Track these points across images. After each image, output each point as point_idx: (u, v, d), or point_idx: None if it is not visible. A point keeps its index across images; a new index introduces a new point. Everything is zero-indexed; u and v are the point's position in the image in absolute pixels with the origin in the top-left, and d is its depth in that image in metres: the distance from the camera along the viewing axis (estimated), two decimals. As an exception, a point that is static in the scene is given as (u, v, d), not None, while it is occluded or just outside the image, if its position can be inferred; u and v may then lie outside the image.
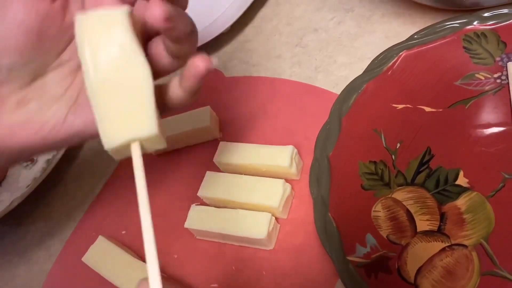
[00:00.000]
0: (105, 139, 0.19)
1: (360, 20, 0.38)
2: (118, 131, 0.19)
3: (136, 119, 0.19)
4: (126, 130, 0.19)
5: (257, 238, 0.29)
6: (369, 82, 0.30)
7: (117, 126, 0.19)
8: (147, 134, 0.19)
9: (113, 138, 0.19)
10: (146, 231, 0.18)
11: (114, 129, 0.19)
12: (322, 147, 0.29)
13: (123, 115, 0.19)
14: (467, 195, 0.27)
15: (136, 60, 0.19)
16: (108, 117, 0.19)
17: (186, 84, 0.21)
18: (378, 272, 0.25)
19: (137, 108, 0.19)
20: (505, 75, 0.30)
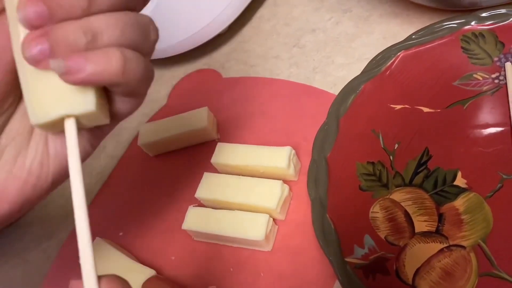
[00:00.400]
0: (32, 113, 0.17)
1: (358, 21, 0.38)
2: (49, 105, 0.17)
3: (71, 91, 0.17)
4: (58, 105, 0.17)
5: (254, 239, 0.29)
6: (367, 83, 0.30)
7: (48, 100, 0.17)
8: (83, 110, 0.17)
9: (42, 112, 0.17)
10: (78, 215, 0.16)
11: (44, 103, 0.17)
12: (319, 148, 0.29)
13: (55, 86, 0.17)
14: (465, 196, 0.27)
15: None
16: (38, 88, 0.17)
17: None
18: (376, 274, 0.25)
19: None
20: (503, 76, 0.30)
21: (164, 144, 0.36)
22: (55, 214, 0.40)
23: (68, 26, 0.16)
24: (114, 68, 0.16)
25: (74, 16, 0.16)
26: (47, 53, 0.16)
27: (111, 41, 0.17)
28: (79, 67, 0.16)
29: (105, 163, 0.40)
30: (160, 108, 0.41)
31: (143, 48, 0.18)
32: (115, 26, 0.17)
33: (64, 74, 0.16)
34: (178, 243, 0.33)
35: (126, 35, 0.17)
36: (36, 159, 0.19)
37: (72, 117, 0.17)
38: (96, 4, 0.16)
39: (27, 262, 0.38)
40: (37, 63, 0.16)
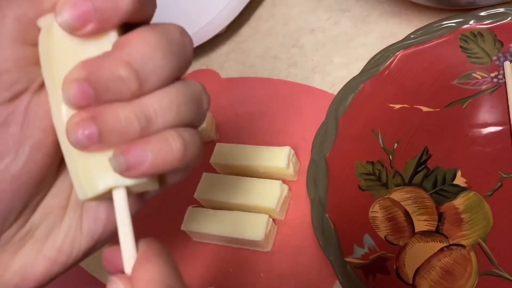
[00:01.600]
0: (80, 188, 0.15)
1: (356, 20, 0.38)
2: (97, 177, 0.15)
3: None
4: (107, 175, 0.15)
5: (254, 240, 0.29)
6: (366, 82, 0.30)
7: (96, 172, 0.15)
8: (134, 181, 0.15)
9: (90, 186, 0.15)
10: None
11: (92, 176, 0.15)
12: (319, 148, 0.29)
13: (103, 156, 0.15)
14: (465, 195, 0.27)
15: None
16: (84, 163, 0.15)
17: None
18: (376, 273, 0.25)
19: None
20: (502, 74, 0.30)
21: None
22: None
23: (119, 110, 0.15)
24: (175, 154, 0.15)
25: (124, 98, 0.15)
26: (95, 139, 0.14)
27: (167, 124, 0.15)
28: (139, 160, 0.15)
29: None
30: (158, 108, 0.41)
31: (197, 122, 0.16)
32: (170, 106, 0.15)
33: (125, 171, 0.15)
34: (177, 244, 0.33)
35: (181, 114, 0.15)
36: (68, 237, 0.18)
37: (122, 187, 0.16)
38: (147, 84, 0.15)
39: None
40: (84, 148, 0.15)
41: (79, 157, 0.15)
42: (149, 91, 0.15)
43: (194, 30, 0.39)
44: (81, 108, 0.15)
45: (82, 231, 0.18)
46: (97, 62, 0.15)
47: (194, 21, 0.40)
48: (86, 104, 0.15)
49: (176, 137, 0.15)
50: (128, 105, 0.15)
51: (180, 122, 0.16)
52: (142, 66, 0.15)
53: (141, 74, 0.15)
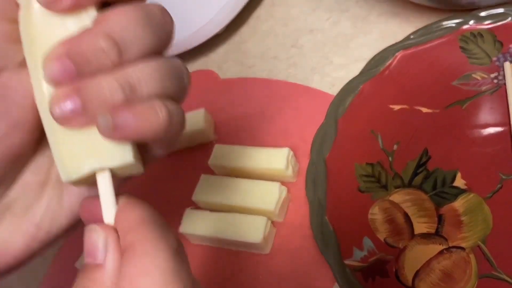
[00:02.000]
0: (63, 170, 0.15)
1: (356, 21, 0.37)
2: (81, 160, 0.15)
3: (106, 143, 0.15)
4: (91, 158, 0.15)
5: (253, 242, 0.29)
6: (365, 83, 0.30)
7: (80, 154, 0.15)
8: (120, 163, 0.15)
9: (73, 168, 0.15)
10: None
11: (76, 158, 0.15)
12: (318, 149, 0.29)
13: (88, 139, 0.15)
14: (465, 197, 0.27)
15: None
16: (68, 143, 0.15)
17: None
18: (376, 276, 0.25)
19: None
20: (501, 75, 0.29)
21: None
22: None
23: (102, 80, 0.15)
24: (161, 121, 0.15)
25: (104, 70, 0.15)
26: (79, 112, 0.14)
27: (151, 93, 0.15)
28: (125, 122, 0.15)
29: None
30: (157, 109, 0.41)
31: (178, 96, 0.17)
32: (152, 76, 0.15)
33: (111, 131, 0.15)
34: (175, 245, 0.32)
35: (165, 85, 0.16)
36: (48, 213, 0.17)
37: (106, 170, 0.16)
38: (128, 55, 0.15)
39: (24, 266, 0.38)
40: (68, 122, 0.15)
41: (64, 139, 0.15)
42: (130, 62, 0.15)
43: (193, 30, 0.39)
44: (63, 85, 0.15)
45: (62, 208, 0.18)
46: (76, 38, 0.15)
47: (193, 21, 0.39)
48: (68, 79, 0.15)
49: (162, 105, 0.15)
50: (111, 74, 0.15)
51: (163, 92, 0.16)
52: (121, 36, 0.15)
53: (121, 44, 0.15)
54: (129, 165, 0.16)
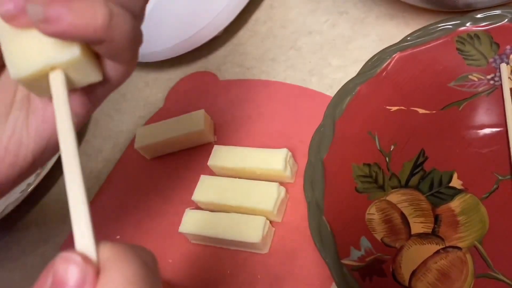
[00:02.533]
0: (12, 66, 0.15)
1: (354, 23, 0.38)
2: (31, 57, 0.15)
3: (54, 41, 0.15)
4: (40, 55, 0.15)
5: (251, 242, 0.29)
6: (362, 85, 0.30)
7: (30, 51, 0.15)
8: (67, 58, 0.15)
9: (23, 65, 0.15)
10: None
11: (25, 55, 0.15)
12: (316, 150, 0.29)
13: (37, 38, 0.15)
14: (461, 197, 0.27)
15: None
16: (18, 41, 0.15)
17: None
18: (373, 276, 0.25)
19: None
20: (498, 76, 0.30)
21: (161, 147, 0.36)
22: (51, 219, 0.40)
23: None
24: (98, 22, 0.14)
25: None
26: (21, 6, 0.14)
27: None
28: (59, 16, 0.14)
29: (102, 166, 0.40)
30: (156, 111, 0.41)
31: (133, 7, 0.16)
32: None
33: (42, 23, 0.14)
34: (175, 246, 0.33)
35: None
36: (14, 136, 0.17)
37: (59, 69, 0.15)
38: None
39: (24, 267, 0.38)
40: (12, 19, 0.14)
41: (13, 37, 0.15)
42: None
43: (192, 32, 0.39)
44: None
45: (28, 131, 0.17)
46: None
47: (192, 24, 0.40)
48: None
49: (103, 5, 0.14)
50: None
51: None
52: None
53: None
54: (78, 62, 0.15)
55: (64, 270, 0.13)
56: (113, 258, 0.13)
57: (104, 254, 0.13)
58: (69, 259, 0.13)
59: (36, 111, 0.18)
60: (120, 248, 0.14)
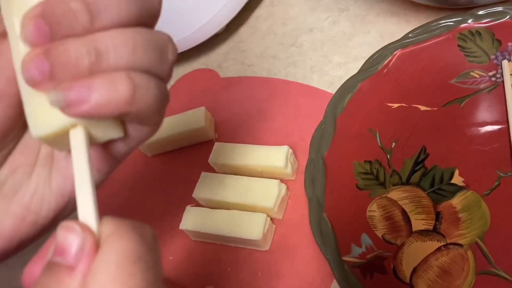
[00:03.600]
0: (33, 124, 0.15)
1: (354, 20, 0.38)
2: (52, 115, 0.15)
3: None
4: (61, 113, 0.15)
5: (252, 239, 0.29)
6: (363, 82, 0.30)
7: (51, 109, 0.14)
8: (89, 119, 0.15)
9: (45, 122, 0.15)
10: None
11: (47, 113, 0.15)
12: (317, 147, 0.29)
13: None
14: (463, 194, 0.27)
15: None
16: (40, 100, 0.15)
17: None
18: (374, 272, 0.25)
19: None
20: (500, 73, 0.30)
21: (161, 144, 0.36)
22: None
23: (71, 43, 0.14)
24: (121, 97, 0.14)
25: (76, 33, 0.14)
26: (47, 75, 0.14)
27: (119, 63, 0.15)
28: (80, 99, 0.14)
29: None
30: (157, 108, 0.41)
31: (158, 71, 0.16)
32: (123, 45, 0.15)
33: (65, 108, 0.14)
34: (176, 243, 0.33)
35: (136, 56, 0.15)
36: (37, 194, 0.17)
37: (80, 126, 0.15)
38: (100, 20, 0.15)
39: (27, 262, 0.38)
40: (37, 84, 0.14)
41: (36, 96, 0.15)
42: (103, 28, 0.15)
43: (193, 29, 0.39)
44: (38, 45, 0.14)
45: (51, 189, 0.17)
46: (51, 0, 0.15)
47: (193, 21, 0.40)
48: (42, 40, 0.14)
49: (125, 78, 0.14)
50: (80, 39, 0.14)
51: (136, 64, 0.15)
52: (94, 2, 0.14)
53: (92, 8, 0.14)
54: (99, 121, 0.15)
55: (64, 238, 0.13)
56: (112, 235, 0.13)
57: (106, 229, 0.14)
58: (69, 228, 0.14)
59: (59, 168, 0.18)
60: (120, 223, 0.14)
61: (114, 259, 0.13)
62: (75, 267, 0.13)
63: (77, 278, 0.13)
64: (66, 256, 0.13)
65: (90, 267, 0.13)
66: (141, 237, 0.14)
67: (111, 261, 0.13)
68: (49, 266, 0.14)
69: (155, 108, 0.16)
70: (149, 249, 0.14)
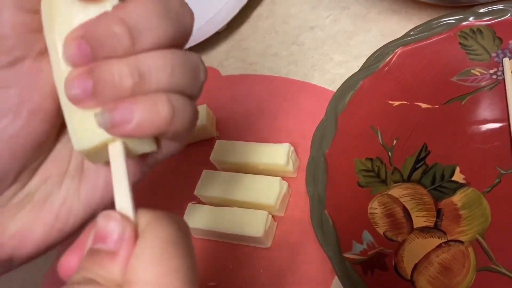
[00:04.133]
0: (76, 138, 0.16)
1: (356, 18, 0.38)
2: (94, 130, 0.15)
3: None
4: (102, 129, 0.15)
5: (253, 236, 0.29)
6: (365, 79, 0.30)
7: (92, 124, 0.15)
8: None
9: (87, 136, 0.16)
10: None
11: (89, 128, 0.15)
12: (318, 145, 0.29)
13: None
14: (463, 191, 0.27)
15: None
16: (82, 115, 0.15)
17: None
18: (375, 269, 0.25)
19: None
20: (501, 71, 0.30)
21: (163, 142, 0.36)
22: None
23: (114, 64, 0.15)
24: (161, 119, 0.15)
25: (118, 55, 0.15)
26: (90, 93, 0.15)
27: (159, 85, 0.15)
28: (124, 120, 0.15)
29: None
30: (159, 106, 0.41)
31: (191, 92, 0.17)
32: (164, 67, 0.15)
33: (110, 128, 0.15)
34: (177, 240, 0.33)
35: (175, 78, 0.16)
36: (66, 204, 0.18)
37: (119, 141, 0.16)
38: (141, 43, 0.15)
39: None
40: (80, 102, 0.15)
41: (77, 111, 0.16)
42: (144, 50, 0.15)
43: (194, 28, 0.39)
44: (80, 66, 0.15)
45: (79, 199, 0.18)
46: (94, 21, 0.15)
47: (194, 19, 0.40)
48: (84, 61, 0.15)
49: (165, 101, 0.15)
50: (123, 60, 0.15)
51: (173, 86, 0.16)
52: (136, 23, 0.15)
53: (134, 31, 0.15)
54: (140, 141, 0.16)
55: (105, 225, 0.14)
56: (152, 222, 0.14)
57: (143, 220, 0.15)
58: (110, 216, 0.14)
59: (88, 179, 0.18)
60: (158, 213, 0.15)
61: (156, 244, 0.14)
62: (117, 252, 0.14)
63: (119, 263, 0.14)
64: (107, 243, 0.14)
65: (131, 253, 0.14)
66: (178, 225, 0.14)
67: (154, 245, 0.14)
68: (91, 253, 0.14)
69: (189, 128, 0.17)
70: (186, 237, 0.15)
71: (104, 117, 0.15)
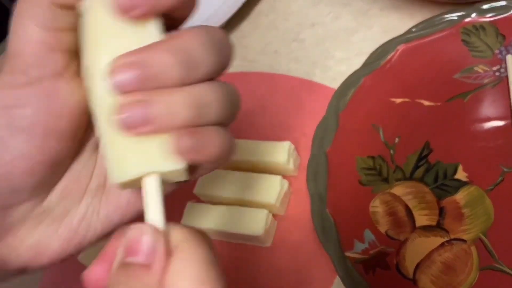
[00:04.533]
0: (113, 172, 0.15)
1: (357, 15, 0.37)
2: (135, 162, 0.15)
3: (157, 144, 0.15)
4: (146, 161, 0.15)
5: (254, 235, 0.29)
6: (367, 77, 0.30)
7: (132, 156, 0.15)
8: (173, 167, 0.15)
9: (125, 169, 0.15)
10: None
11: (127, 160, 0.15)
12: (319, 143, 0.29)
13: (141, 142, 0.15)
14: (466, 190, 0.27)
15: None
16: (121, 145, 0.15)
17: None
18: (377, 268, 0.25)
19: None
20: (504, 68, 0.29)
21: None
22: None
23: (172, 96, 0.15)
24: (214, 152, 0.16)
25: (172, 86, 0.15)
26: (145, 123, 0.15)
27: (214, 118, 0.16)
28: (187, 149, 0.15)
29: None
30: (159, 104, 0.41)
31: (231, 121, 0.17)
32: (217, 101, 0.16)
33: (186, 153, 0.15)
34: (177, 239, 0.33)
35: (223, 111, 0.16)
36: (85, 220, 0.18)
37: (156, 174, 0.15)
38: (194, 74, 0.15)
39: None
40: (131, 129, 0.15)
41: (117, 142, 0.15)
42: (196, 83, 0.15)
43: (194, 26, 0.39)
44: (127, 93, 0.15)
45: (99, 216, 0.18)
46: (148, 49, 0.15)
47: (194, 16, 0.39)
48: (135, 89, 0.15)
49: (218, 136, 0.16)
50: (179, 92, 0.15)
51: (221, 119, 0.16)
52: (190, 56, 0.15)
53: (190, 63, 0.15)
54: (177, 172, 0.15)
55: (137, 238, 0.14)
56: (189, 240, 0.14)
57: (176, 235, 0.14)
58: (142, 229, 0.14)
59: (109, 199, 0.18)
60: (191, 231, 0.15)
61: (196, 262, 0.14)
62: (150, 266, 0.14)
63: (156, 275, 0.14)
64: (139, 256, 0.14)
65: (166, 266, 0.14)
66: (211, 246, 0.15)
67: (194, 263, 0.14)
68: (124, 267, 0.14)
69: (231, 155, 0.17)
70: (216, 256, 0.15)
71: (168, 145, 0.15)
